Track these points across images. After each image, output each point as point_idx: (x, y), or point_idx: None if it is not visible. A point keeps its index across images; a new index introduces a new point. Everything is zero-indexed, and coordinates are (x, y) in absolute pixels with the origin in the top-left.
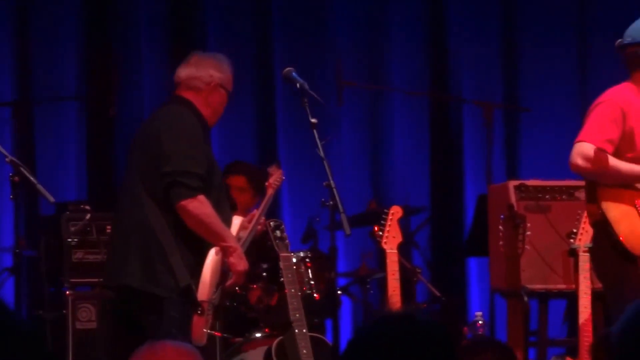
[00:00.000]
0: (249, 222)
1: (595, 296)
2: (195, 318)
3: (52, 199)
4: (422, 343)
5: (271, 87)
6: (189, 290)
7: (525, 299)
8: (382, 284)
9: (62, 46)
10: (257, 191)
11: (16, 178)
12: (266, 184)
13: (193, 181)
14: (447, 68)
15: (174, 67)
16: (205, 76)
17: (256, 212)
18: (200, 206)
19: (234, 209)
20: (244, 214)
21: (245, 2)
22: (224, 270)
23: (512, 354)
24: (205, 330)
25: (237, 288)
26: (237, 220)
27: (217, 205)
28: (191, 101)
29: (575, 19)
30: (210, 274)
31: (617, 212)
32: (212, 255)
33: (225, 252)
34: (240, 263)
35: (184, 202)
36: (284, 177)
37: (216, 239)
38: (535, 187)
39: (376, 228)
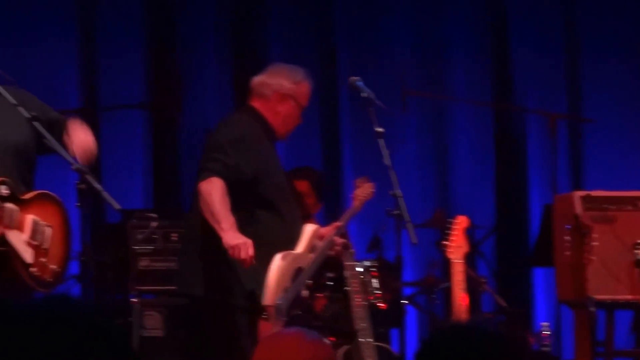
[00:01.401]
0: (330, 231)
1: None
2: (262, 323)
3: (118, 206)
4: (491, 355)
5: (335, 96)
6: (254, 296)
7: (592, 309)
8: (448, 293)
9: (128, 54)
10: (319, 197)
11: (82, 185)
12: (352, 195)
13: (213, 165)
14: (511, 78)
15: (237, 76)
16: (274, 84)
17: (337, 225)
18: (209, 187)
19: (307, 218)
20: (314, 219)
21: (308, 12)
22: (294, 276)
23: None
24: None
25: (303, 296)
26: (309, 228)
27: (271, 214)
28: (257, 109)
29: (639, 30)
30: (275, 278)
31: None
32: (277, 261)
33: (219, 234)
34: (227, 238)
35: (199, 185)
36: (373, 190)
37: (213, 221)
38: (601, 198)
39: (442, 238)
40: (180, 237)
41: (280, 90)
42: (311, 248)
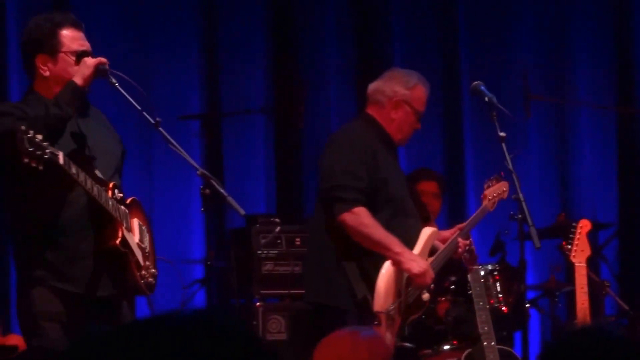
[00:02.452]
0: (453, 233)
1: None
2: (374, 329)
3: (242, 211)
4: (616, 358)
5: (458, 101)
6: (366, 303)
7: None
8: (571, 297)
9: (250, 60)
10: (443, 198)
11: (207, 191)
12: (482, 195)
13: (349, 194)
14: (634, 81)
15: (360, 81)
16: (388, 91)
17: (461, 226)
18: (357, 218)
19: (427, 220)
20: (433, 223)
21: (431, 18)
22: (405, 281)
23: None
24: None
25: (425, 300)
26: (427, 231)
27: (394, 217)
28: (373, 116)
29: None
30: (385, 285)
31: None
32: (387, 267)
33: (395, 260)
34: (413, 266)
35: (342, 216)
36: (506, 189)
37: (380, 248)
38: None
39: (564, 242)
40: (304, 242)
41: (394, 96)
42: (430, 251)
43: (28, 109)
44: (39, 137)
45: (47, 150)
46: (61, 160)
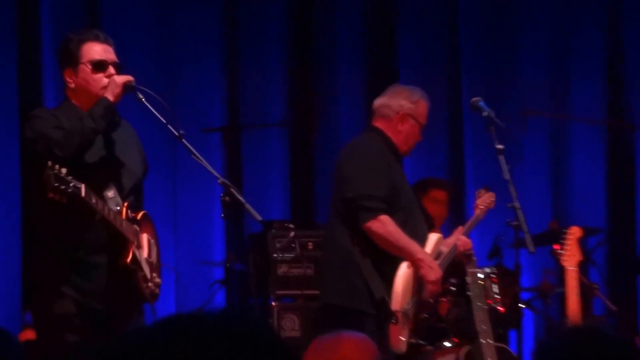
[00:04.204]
0: (452, 240)
1: None
2: (392, 327)
3: (259, 217)
4: (605, 355)
5: (460, 116)
6: (383, 302)
7: None
8: (562, 298)
9: (268, 77)
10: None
11: (227, 198)
12: (475, 204)
13: (373, 203)
14: (622, 96)
15: (369, 97)
16: (395, 105)
17: (460, 229)
18: (382, 226)
19: (432, 227)
20: (438, 229)
21: (435, 39)
22: (419, 282)
23: None
24: (402, 338)
25: (431, 299)
26: (434, 237)
27: (405, 224)
28: (381, 129)
29: None
30: (402, 285)
31: None
32: (403, 268)
33: (415, 265)
34: (430, 273)
35: (368, 224)
36: (494, 199)
37: (404, 253)
38: None
39: (557, 247)
40: (316, 246)
41: (401, 110)
42: (436, 255)
43: (62, 118)
44: (64, 171)
45: (71, 184)
46: (83, 193)
